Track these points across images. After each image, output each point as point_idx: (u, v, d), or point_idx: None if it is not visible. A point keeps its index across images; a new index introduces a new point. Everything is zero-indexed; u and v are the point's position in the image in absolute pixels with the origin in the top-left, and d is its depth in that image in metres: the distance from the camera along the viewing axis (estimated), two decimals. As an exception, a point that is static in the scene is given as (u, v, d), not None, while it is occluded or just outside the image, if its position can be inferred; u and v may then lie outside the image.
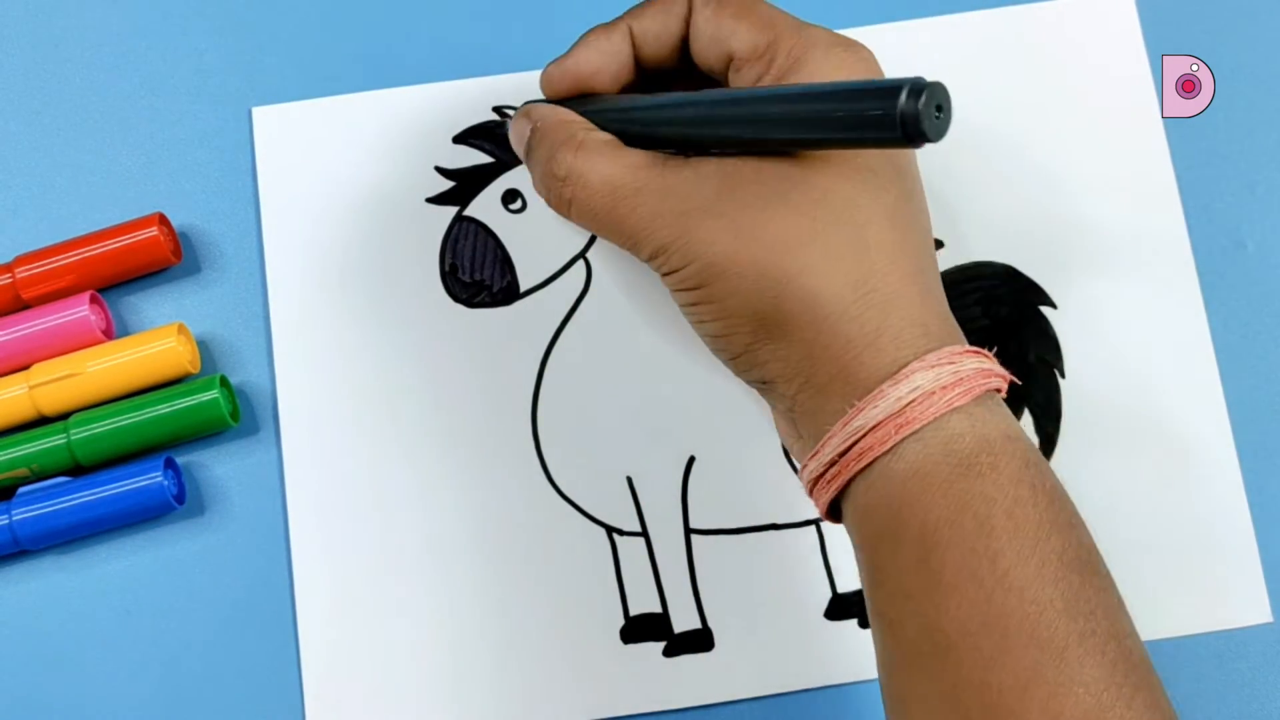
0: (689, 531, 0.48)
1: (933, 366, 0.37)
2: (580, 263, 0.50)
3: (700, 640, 0.48)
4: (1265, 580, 0.48)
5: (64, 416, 0.48)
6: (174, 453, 0.49)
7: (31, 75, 0.52)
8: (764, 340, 0.39)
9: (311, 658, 0.47)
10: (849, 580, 0.48)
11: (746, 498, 0.49)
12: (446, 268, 0.50)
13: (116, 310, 0.50)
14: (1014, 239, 0.50)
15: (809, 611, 0.48)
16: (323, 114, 0.51)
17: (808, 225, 0.38)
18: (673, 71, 0.44)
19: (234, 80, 0.52)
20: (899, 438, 0.36)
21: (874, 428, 0.37)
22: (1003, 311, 0.50)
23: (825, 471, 0.39)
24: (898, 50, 0.52)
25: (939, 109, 0.33)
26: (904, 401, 0.37)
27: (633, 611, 0.48)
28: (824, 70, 0.40)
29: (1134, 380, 0.49)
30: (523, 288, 0.50)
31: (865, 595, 0.39)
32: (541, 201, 0.45)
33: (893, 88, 0.33)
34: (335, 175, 0.51)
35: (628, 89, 0.45)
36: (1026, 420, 0.49)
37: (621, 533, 0.48)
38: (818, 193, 0.38)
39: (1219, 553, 0.48)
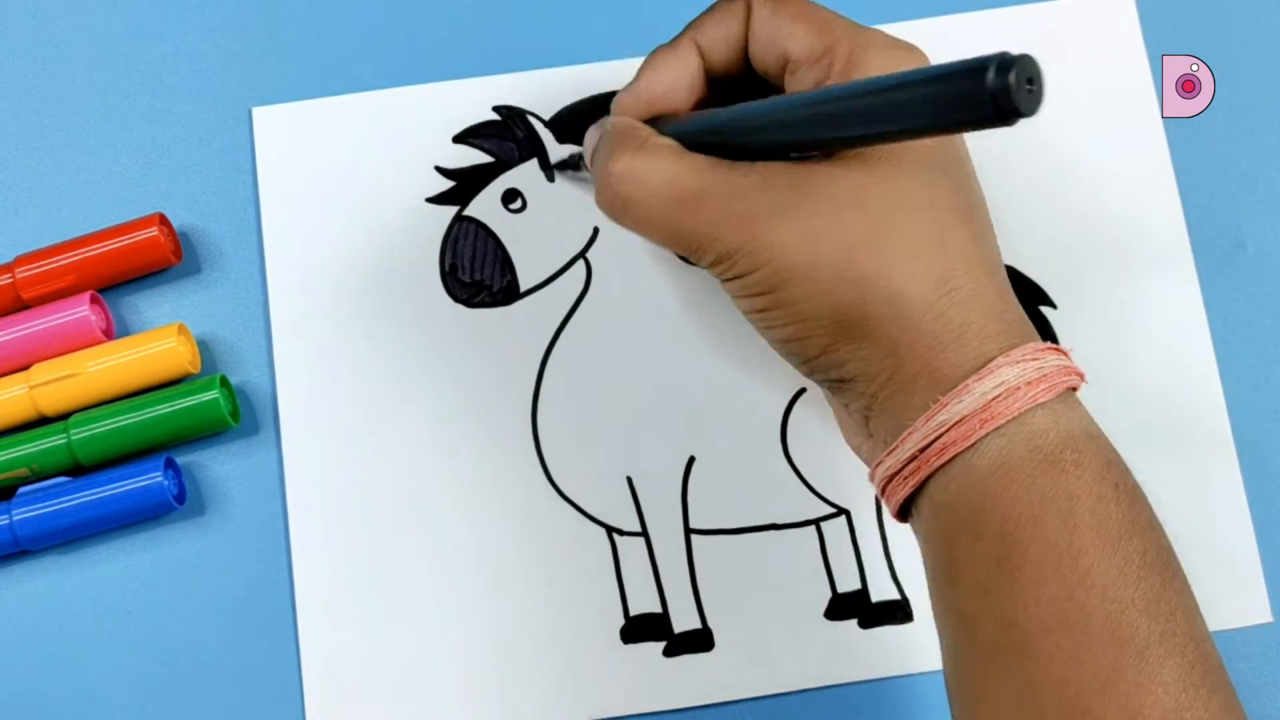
0: (689, 531, 0.48)
1: (1017, 362, 0.37)
2: (580, 263, 0.50)
3: (700, 640, 0.48)
4: (1265, 580, 0.48)
5: (64, 416, 0.48)
6: (174, 453, 0.49)
7: (31, 75, 0.52)
8: (843, 341, 0.39)
9: (311, 658, 0.47)
10: (849, 580, 0.48)
11: (746, 498, 0.49)
12: (446, 268, 0.50)
13: (116, 310, 0.50)
14: (1014, 239, 0.50)
15: (809, 611, 0.48)
16: (323, 114, 0.51)
17: (884, 228, 0.38)
18: (742, 83, 0.44)
19: (234, 80, 0.52)
20: (983, 432, 0.36)
21: (959, 422, 0.37)
22: (1003, 311, 0.50)
23: (903, 468, 0.38)
24: (898, 50, 0.52)
25: (1030, 82, 0.32)
26: (989, 396, 0.36)
27: (633, 611, 0.48)
28: (882, 72, 0.39)
29: (1134, 380, 0.49)
30: (523, 288, 0.50)
31: (934, 592, 0.39)
32: (542, 201, 0.45)
33: (980, 66, 0.32)
34: (335, 175, 0.51)
35: (701, 104, 0.43)
36: (1026, 420, 0.49)
37: (621, 533, 0.48)
38: (893, 194, 0.38)
39: (1219, 553, 0.48)
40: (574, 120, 0.51)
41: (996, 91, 0.31)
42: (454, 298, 0.50)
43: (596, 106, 0.51)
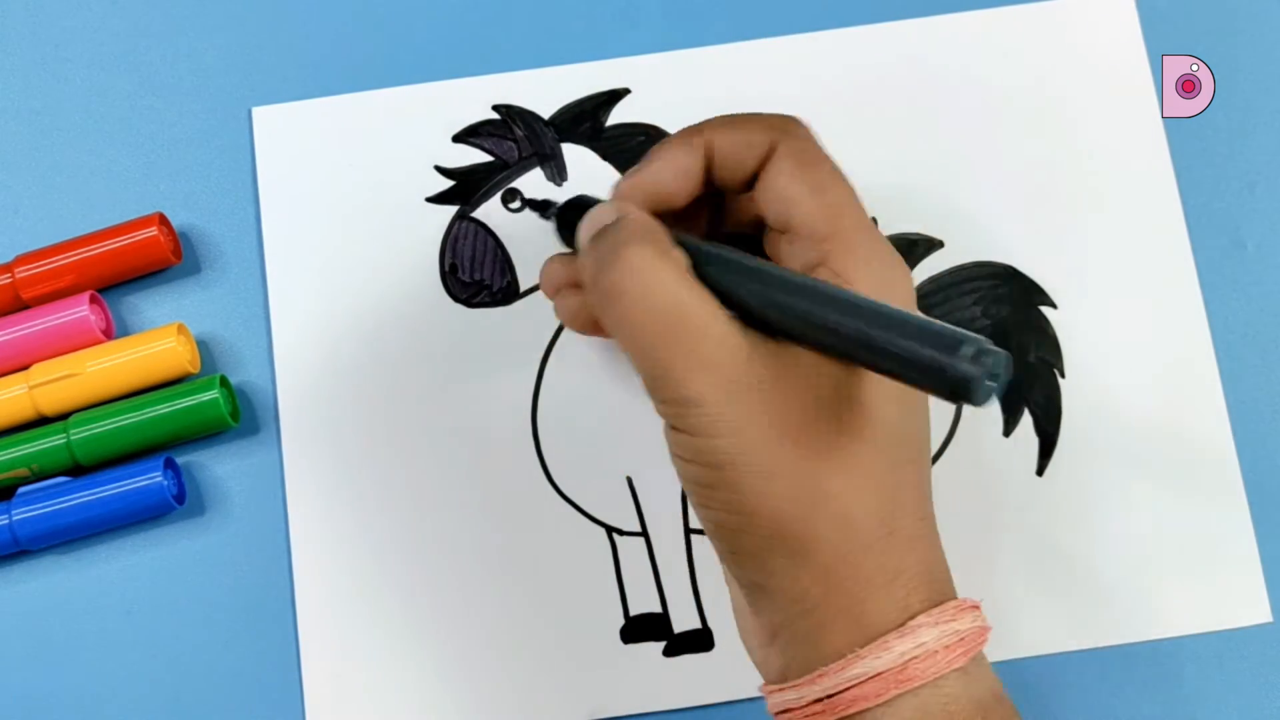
0: (689, 531, 0.48)
1: (937, 623, 0.36)
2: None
3: (700, 640, 0.48)
4: (1265, 580, 0.48)
5: (64, 416, 0.48)
6: (174, 453, 0.49)
7: (31, 75, 0.52)
8: (779, 553, 0.36)
9: (311, 658, 0.47)
10: (849, 580, 0.48)
11: (746, 498, 0.48)
12: (447, 267, 0.50)
13: (116, 310, 0.50)
14: (1014, 239, 0.50)
15: (809, 611, 0.48)
16: (323, 114, 0.51)
17: (855, 448, 0.36)
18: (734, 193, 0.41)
19: (234, 80, 0.52)
20: (897, 692, 0.35)
21: (874, 677, 0.35)
22: (1003, 311, 0.50)
23: (806, 706, 0.37)
24: (899, 50, 0.52)
25: (993, 378, 0.31)
26: (908, 657, 0.35)
27: (633, 611, 0.48)
28: (870, 289, 0.37)
29: (1134, 380, 0.49)
30: (523, 287, 0.50)
31: None
32: (542, 201, 0.44)
33: (955, 344, 0.31)
34: (335, 175, 0.51)
35: (695, 202, 0.41)
36: (1026, 420, 0.49)
37: (621, 533, 0.48)
38: (871, 413, 0.36)
39: (1219, 553, 0.48)
40: (573, 121, 0.51)
41: (957, 381, 0.31)
42: (454, 298, 0.50)
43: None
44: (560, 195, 0.50)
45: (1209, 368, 0.49)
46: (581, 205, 0.41)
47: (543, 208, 0.44)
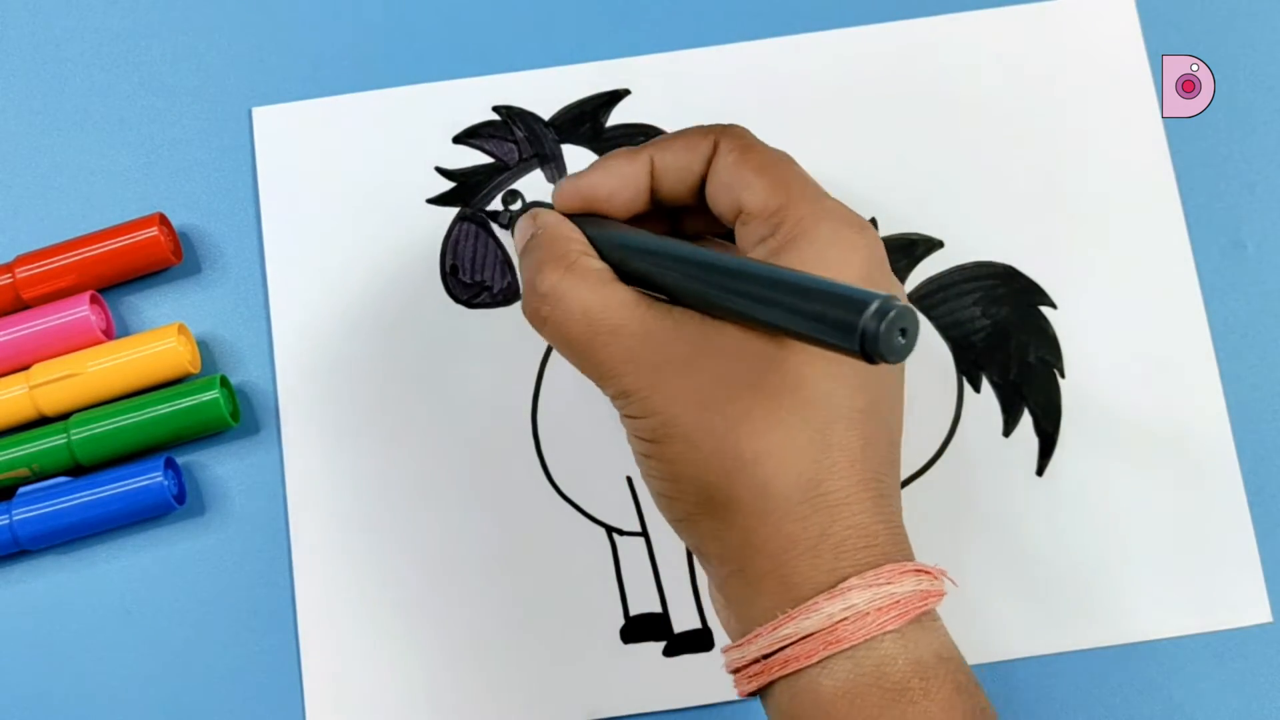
0: (689, 531, 0.48)
1: (870, 586, 0.36)
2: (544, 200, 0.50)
3: (700, 640, 0.48)
4: (1265, 580, 0.48)
5: (64, 416, 0.48)
6: (174, 453, 0.49)
7: (31, 75, 0.52)
8: (707, 515, 0.38)
9: (311, 657, 0.47)
10: (849, 580, 0.48)
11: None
12: (447, 269, 0.50)
13: (116, 310, 0.50)
14: (1014, 239, 0.50)
15: (809, 611, 0.48)
16: (323, 114, 0.51)
17: (773, 412, 0.37)
18: (694, 212, 0.43)
19: (234, 80, 0.52)
20: (828, 653, 0.36)
21: (804, 638, 0.36)
22: (1003, 311, 0.50)
23: (749, 665, 0.38)
24: (898, 50, 0.52)
25: (903, 333, 0.32)
26: (836, 619, 0.36)
27: (633, 611, 0.48)
28: (825, 248, 0.39)
29: (1134, 380, 0.49)
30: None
31: None
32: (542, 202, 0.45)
33: (861, 301, 0.32)
34: (335, 175, 0.51)
35: (640, 216, 0.43)
36: (1026, 420, 0.49)
37: (621, 533, 0.48)
38: (793, 380, 0.37)
39: (1219, 553, 0.48)
40: (573, 121, 0.51)
41: (866, 333, 0.32)
42: (455, 298, 0.50)
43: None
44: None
45: (1209, 368, 0.49)
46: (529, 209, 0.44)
47: (507, 219, 0.48)
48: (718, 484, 0.37)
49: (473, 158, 0.51)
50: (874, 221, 0.50)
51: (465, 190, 0.51)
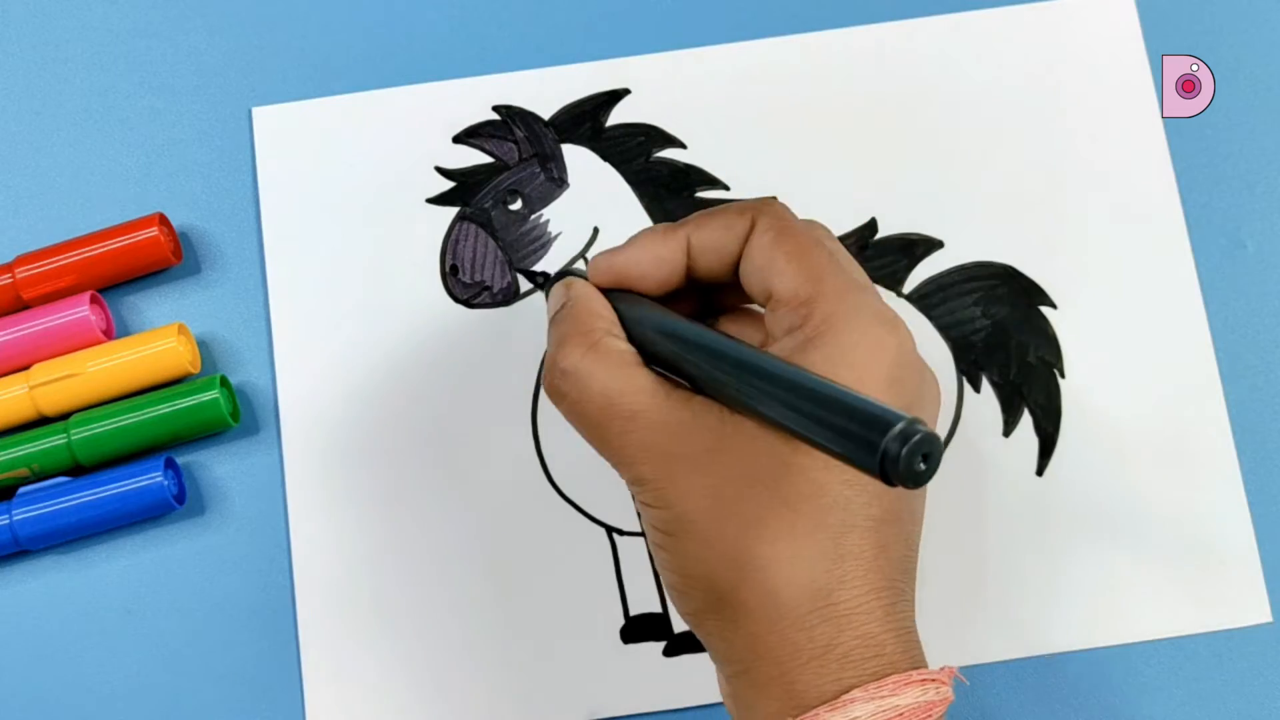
0: (689, 531, 0.48)
1: (873, 698, 0.36)
2: (580, 263, 0.50)
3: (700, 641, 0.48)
4: (1265, 580, 0.48)
5: (64, 416, 0.48)
6: (174, 453, 0.49)
7: (31, 75, 0.52)
8: (714, 615, 0.38)
9: (311, 658, 0.47)
10: (849, 580, 0.48)
11: (746, 498, 0.48)
12: (448, 269, 0.50)
13: (116, 310, 0.50)
14: (1014, 239, 0.50)
15: (809, 611, 0.48)
16: (323, 114, 0.51)
17: (788, 517, 0.36)
18: (730, 289, 0.42)
19: (234, 80, 0.52)
20: None
21: None
22: (1003, 311, 0.50)
23: None
24: (899, 50, 0.52)
25: (925, 458, 0.31)
26: None
27: (633, 611, 0.48)
28: (852, 348, 0.37)
29: (1134, 380, 0.49)
30: (523, 289, 0.50)
31: None
32: (542, 201, 0.45)
33: (886, 421, 0.31)
34: (335, 175, 0.51)
35: (674, 293, 0.42)
36: (1026, 420, 0.49)
37: (621, 533, 0.48)
38: (809, 485, 0.37)
39: (1219, 553, 0.48)
40: (573, 121, 0.51)
41: (888, 456, 0.31)
42: (455, 298, 0.50)
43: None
44: (560, 196, 0.50)
45: (1209, 368, 0.49)
46: (565, 276, 0.43)
47: (542, 280, 0.47)
48: (727, 586, 0.37)
49: (473, 157, 0.51)
50: (874, 221, 0.50)
51: (465, 190, 0.51)
